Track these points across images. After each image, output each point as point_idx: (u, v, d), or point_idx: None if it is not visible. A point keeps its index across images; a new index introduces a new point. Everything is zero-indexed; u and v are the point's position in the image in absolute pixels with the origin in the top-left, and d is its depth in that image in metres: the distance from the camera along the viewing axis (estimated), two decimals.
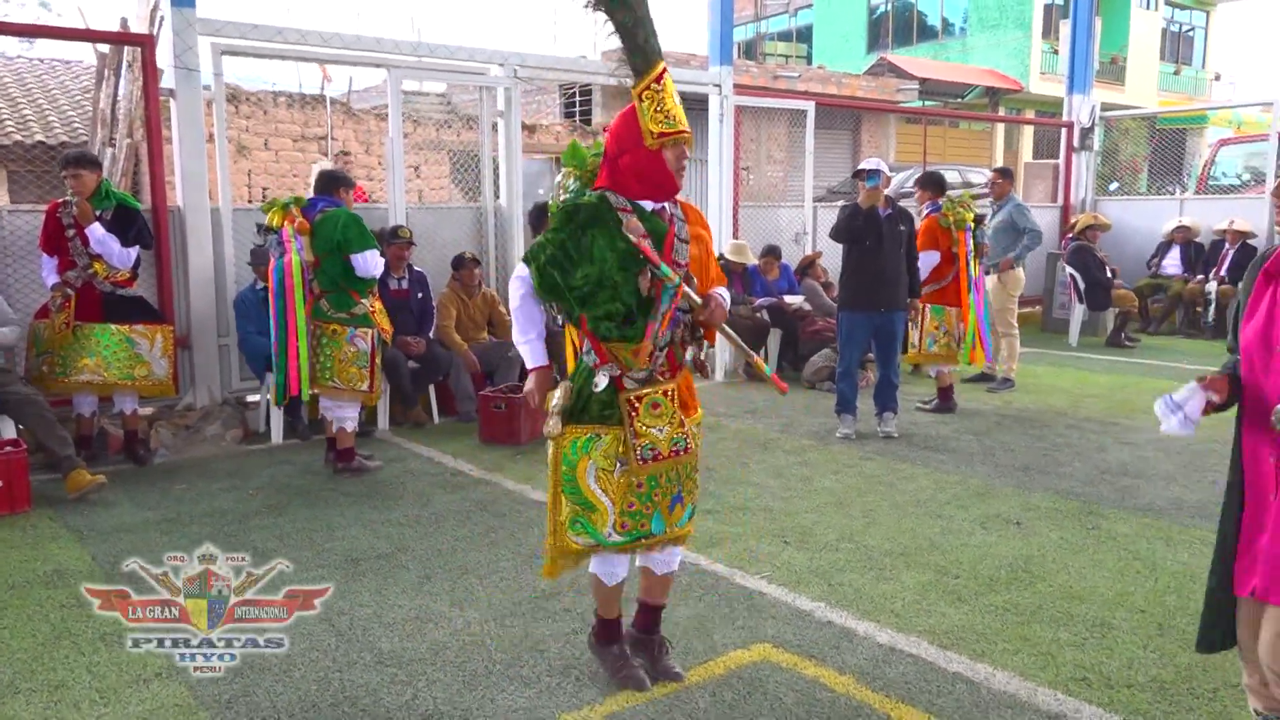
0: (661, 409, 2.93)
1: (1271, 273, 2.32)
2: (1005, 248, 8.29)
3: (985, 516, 4.85)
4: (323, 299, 5.57)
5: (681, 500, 3.05)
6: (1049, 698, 3.06)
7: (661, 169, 2.87)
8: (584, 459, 2.91)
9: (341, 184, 5.81)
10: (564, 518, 2.95)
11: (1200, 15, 31.98)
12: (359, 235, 5.51)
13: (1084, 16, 12.82)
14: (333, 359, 5.55)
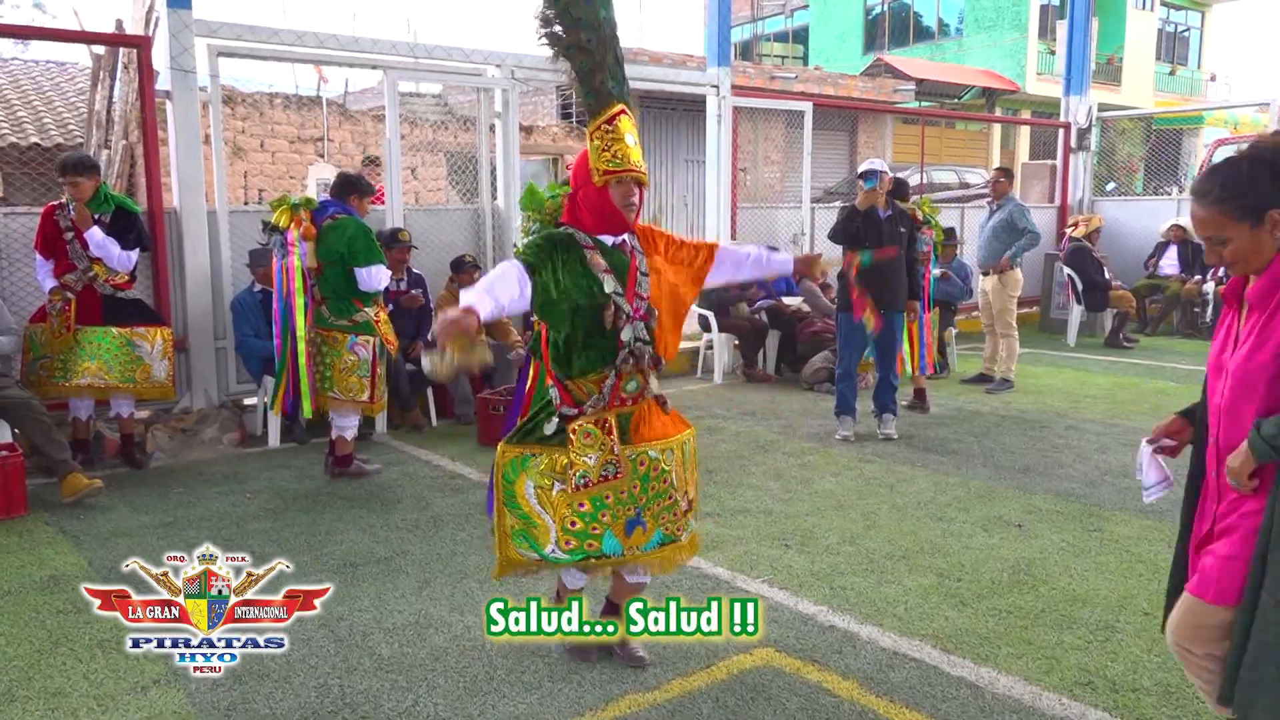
0: (593, 438, 2.95)
1: (1229, 298, 2.32)
2: (1003, 247, 8.28)
3: (986, 519, 4.84)
4: (323, 305, 5.51)
5: (643, 525, 3.02)
6: (1054, 702, 3.04)
7: (608, 205, 2.95)
8: (521, 476, 2.99)
9: (356, 190, 5.64)
10: (508, 529, 3.04)
11: (1196, 16, 32.05)
12: (365, 248, 5.40)
13: (1080, 18, 12.82)
14: (332, 368, 5.49)
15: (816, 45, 30.87)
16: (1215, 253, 2.24)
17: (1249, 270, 2.24)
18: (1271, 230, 2.16)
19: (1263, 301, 2.17)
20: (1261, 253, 2.18)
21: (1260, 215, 2.15)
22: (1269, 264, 2.18)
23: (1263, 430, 2.10)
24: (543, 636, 3.14)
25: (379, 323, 5.64)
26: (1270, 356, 2.13)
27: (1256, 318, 2.19)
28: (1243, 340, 2.22)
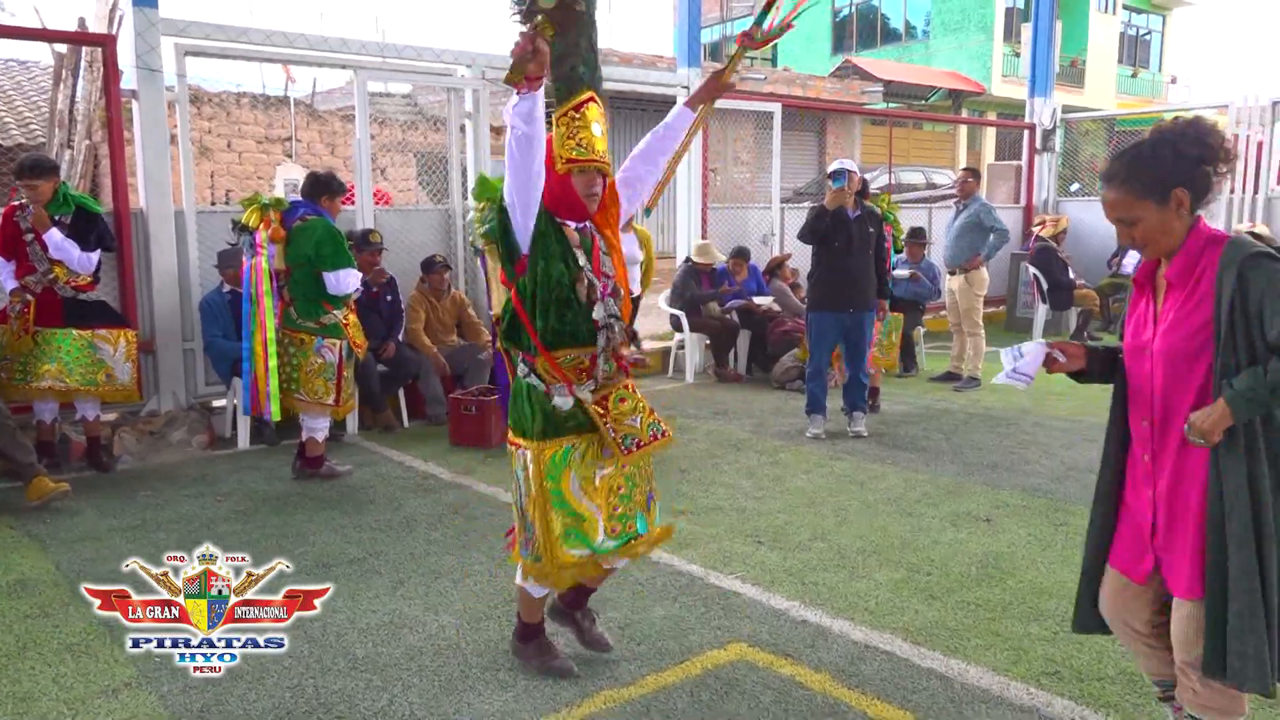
0: (629, 401, 3.00)
1: (1141, 282, 2.40)
2: (971, 246, 8.38)
3: (955, 514, 4.90)
4: (291, 306, 5.47)
5: (653, 496, 3.15)
6: (1021, 691, 3.10)
7: (570, 193, 2.89)
8: (565, 472, 2.93)
9: (328, 191, 5.55)
10: (558, 533, 2.92)
11: (1157, 19, 32.58)
12: (334, 252, 5.35)
13: (1045, 21, 13.00)
14: (299, 370, 5.46)
15: (785, 46, 30.99)
16: (1126, 234, 2.31)
17: (1160, 252, 2.32)
18: (1177, 209, 2.23)
19: (1183, 279, 2.25)
20: (1170, 233, 2.26)
21: (1166, 193, 2.23)
22: (1183, 243, 2.25)
23: (1239, 389, 2.15)
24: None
25: (347, 325, 5.59)
26: (1200, 326, 2.21)
27: (1178, 295, 2.26)
28: (1163, 319, 2.29)
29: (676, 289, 8.92)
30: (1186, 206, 2.25)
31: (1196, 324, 2.23)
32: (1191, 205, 2.26)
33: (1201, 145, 2.26)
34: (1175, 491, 2.33)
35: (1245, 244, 2.21)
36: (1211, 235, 2.26)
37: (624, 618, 3.67)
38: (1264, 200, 11.50)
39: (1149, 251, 2.33)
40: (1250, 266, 2.15)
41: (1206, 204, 2.29)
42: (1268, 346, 2.14)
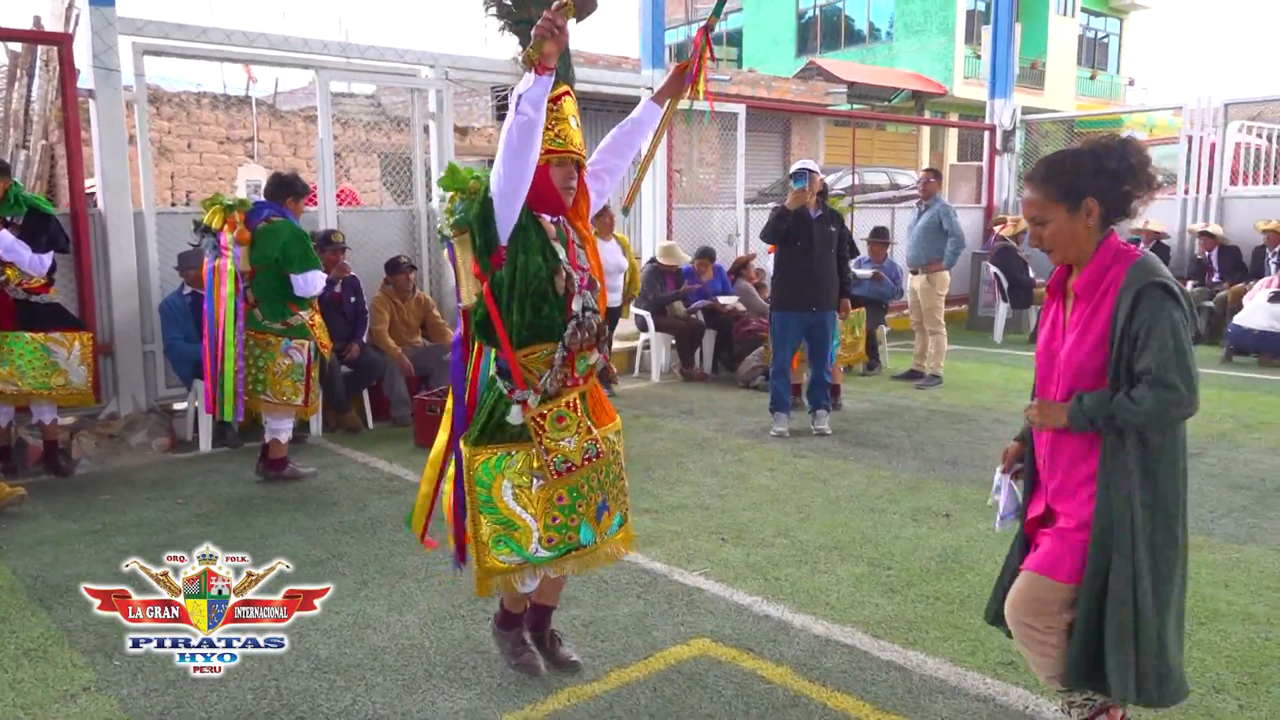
0: (566, 420, 2.92)
1: (1053, 289, 2.48)
2: (931, 246, 8.49)
3: (916, 509, 4.97)
4: (257, 308, 5.42)
5: (608, 508, 3.05)
6: (978, 681, 3.16)
7: (548, 184, 2.87)
8: (498, 478, 2.89)
9: (292, 192, 5.52)
10: (486, 538, 2.92)
11: (1115, 23, 33.09)
12: (301, 254, 5.33)
13: (1004, 24, 13.19)
14: (265, 371, 5.42)
15: (750, 48, 31.19)
16: (1037, 234, 2.41)
17: (1066, 258, 2.40)
18: (1087, 218, 2.31)
19: (1089, 292, 2.33)
20: (1077, 241, 2.34)
21: (1078, 201, 2.32)
22: (1094, 255, 2.33)
23: (1085, 404, 2.30)
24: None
25: (313, 326, 5.57)
26: (1097, 343, 2.29)
27: (1083, 308, 2.35)
28: (1071, 329, 2.37)
29: (641, 289, 8.94)
30: (1096, 217, 2.33)
31: (1096, 338, 2.32)
32: (1102, 218, 2.34)
33: (1122, 162, 2.34)
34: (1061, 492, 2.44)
35: (1148, 269, 2.29)
36: (1120, 250, 2.34)
37: (588, 615, 3.69)
38: (1217, 200, 11.74)
39: (1055, 256, 2.42)
40: (1145, 295, 2.25)
41: (1118, 221, 2.37)
42: (1134, 373, 2.25)
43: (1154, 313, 2.24)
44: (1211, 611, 3.67)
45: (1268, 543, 4.43)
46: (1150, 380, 2.23)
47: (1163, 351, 2.23)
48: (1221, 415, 7.14)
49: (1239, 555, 4.27)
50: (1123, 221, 2.44)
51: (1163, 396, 2.22)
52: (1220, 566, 4.14)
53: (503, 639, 3.28)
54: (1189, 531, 2.45)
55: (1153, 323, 2.24)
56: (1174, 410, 2.25)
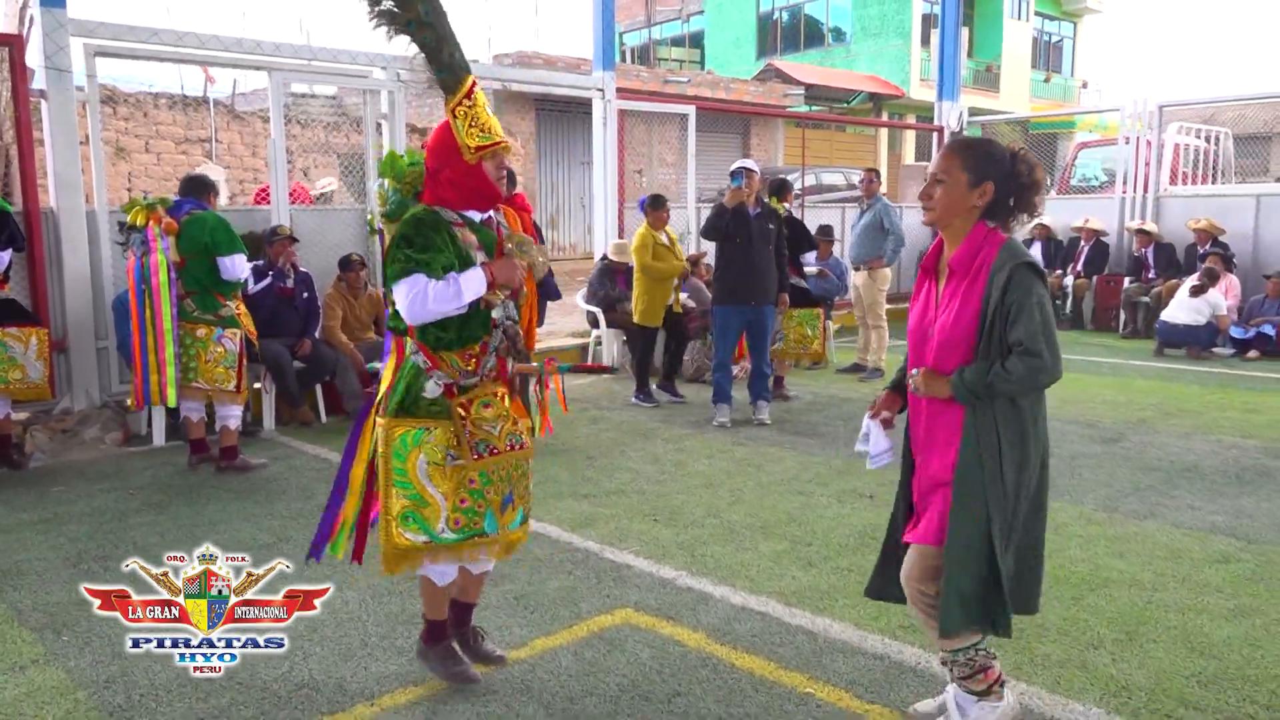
0: (493, 407, 2.97)
1: (927, 269, 2.72)
2: (873, 244, 8.77)
3: (842, 492, 5.22)
4: (188, 299, 5.66)
5: (512, 502, 3.05)
6: (878, 643, 3.40)
7: (483, 181, 2.93)
8: (415, 452, 2.90)
9: (210, 190, 5.94)
10: (396, 513, 2.91)
11: (1068, 26, 33.75)
12: (228, 239, 5.64)
13: (951, 28, 13.53)
14: (198, 360, 5.65)
15: (712, 50, 31.49)
16: (930, 190, 2.62)
17: (939, 220, 2.62)
18: (979, 197, 2.55)
19: (963, 268, 2.56)
20: (958, 211, 2.58)
21: (980, 179, 2.55)
22: (967, 235, 2.56)
23: (965, 376, 2.52)
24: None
25: (240, 315, 5.85)
26: (971, 317, 2.52)
27: (957, 283, 2.58)
28: (943, 305, 2.60)
29: (592, 287, 9.15)
30: (986, 200, 2.57)
31: (970, 313, 2.54)
32: (988, 207, 2.57)
33: (1025, 177, 2.58)
34: (928, 459, 2.67)
35: (1017, 251, 2.53)
36: (989, 233, 2.59)
37: (519, 589, 3.90)
38: (1154, 200, 12.14)
39: (935, 214, 2.62)
40: (1016, 274, 2.48)
41: (994, 217, 2.60)
42: (1008, 345, 2.48)
43: (1024, 291, 2.48)
44: (1103, 579, 3.94)
45: (1166, 519, 4.71)
46: (1020, 351, 2.46)
47: (1031, 325, 2.46)
48: (1144, 404, 7.46)
49: (1137, 529, 4.56)
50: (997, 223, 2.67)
51: (1031, 364, 2.45)
52: (1118, 539, 4.42)
53: (432, 656, 3.18)
54: (1091, 503, 2.67)
55: (1023, 299, 2.47)
56: (1041, 376, 2.48)
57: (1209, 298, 9.68)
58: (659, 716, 2.93)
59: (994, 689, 2.71)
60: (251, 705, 3.03)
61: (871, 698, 3.03)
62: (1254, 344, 9.79)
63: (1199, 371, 8.99)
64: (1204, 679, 3.11)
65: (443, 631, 3.20)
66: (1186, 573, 4.01)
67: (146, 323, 5.56)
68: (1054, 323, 2.52)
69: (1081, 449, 6.04)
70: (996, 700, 2.71)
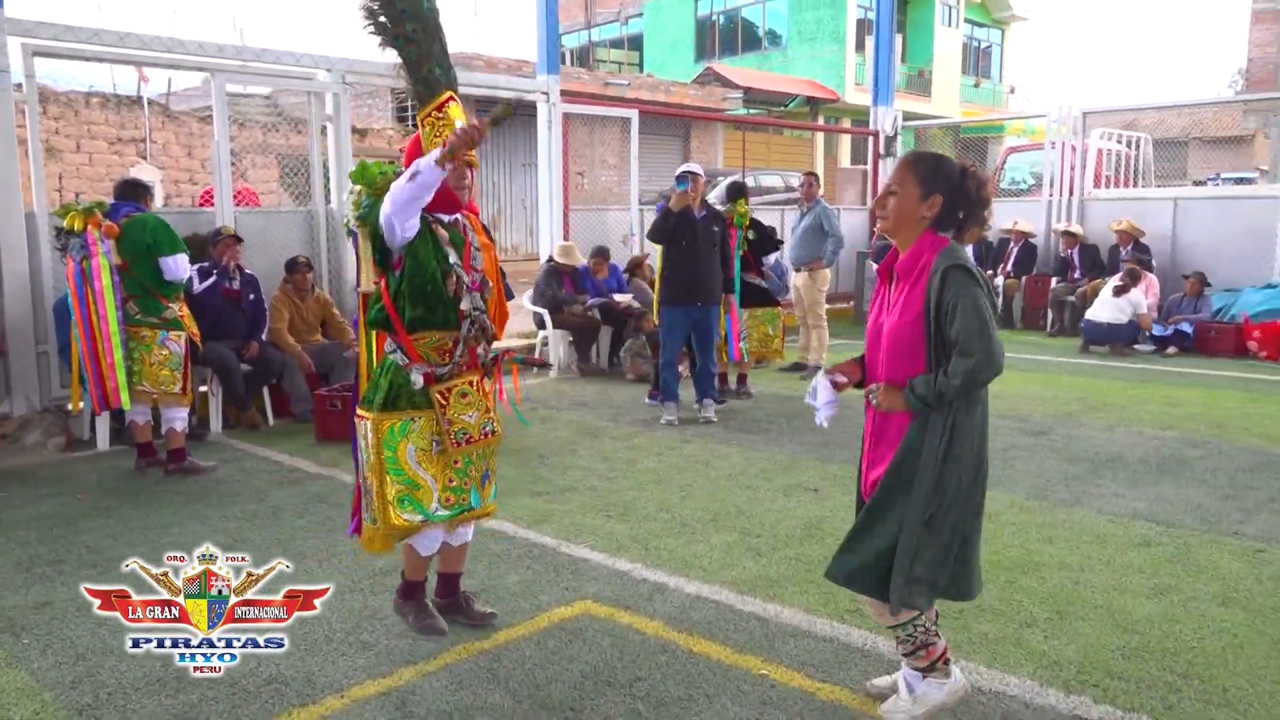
0: (470, 397, 3.29)
1: (883, 273, 2.90)
2: (813, 246, 9.01)
3: (788, 485, 5.40)
4: (130, 303, 5.65)
5: (489, 476, 3.44)
6: (827, 626, 3.57)
7: (443, 188, 3.14)
8: (403, 442, 3.20)
9: (146, 193, 5.95)
10: (391, 497, 3.21)
11: (996, 33, 34.69)
12: (169, 239, 5.65)
13: (885, 35, 13.89)
14: (142, 363, 5.64)
15: (651, 52, 31.73)
16: (883, 200, 2.80)
17: (891, 229, 2.80)
18: (927, 209, 2.72)
19: (907, 272, 2.74)
20: (909, 220, 2.75)
21: (929, 192, 2.72)
22: (915, 241, 2.74)
23: (916, 389, 2.68)
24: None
25: (183, 317, 5.86)
26: (914, 319, 2.69)
27: (902, 287, 2.75)
28: (892, 308, 2.78)
29: (539, 288, 9.24)
30: (935, 212, 2.73)
31: (913, 315, 2.71)
32: (936, 218, 2.74)
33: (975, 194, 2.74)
34: (876, 452, 2.85)
35: (952, 255, 2.69)
36: (934, 240, 2.75)
37: (479, 584, 3.99)
38: (1079, 202, 12.62)
39: (889, 224, 2.80)
40: (949, 275, 2.65)
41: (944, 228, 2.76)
42: (949, 343, 2.65)
43: (957, 292, 2.64)
44: (1034, 563, 4.17)
45: (1092, 506, 4.98)
46: (958, 351, 2.63)
47: (966, 325, 2.62)
48: (1071, 398, 7.80)
49: (1065, 516, 4.81)
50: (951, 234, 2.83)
51: (967, 364, 2.61)
52: (1048, 526, 4.67)
53: (405, 608, 3.54)
54: (1034, 493, 2.85)
55: (957, 300, 2.63)
56: (980, 374, 2.63)
57: (1131, 297, 10.11)
58: (622, 700, 3.06)
59: (938, 666, 2.88)
60: (221, 700, 3.09)
61: (823, 677, 3.20)
62: (1172, 341, 10.27)
63: (1122, 368, 9.41)
64: (1128, 652, 3.34)
65: (419, 589, 3.54)
66: (1111, 555, 4.26)
67: (93, 328, 5.52)
68: (990, 320, 2.66)
69: (1013, 441, 6.32)
70: (942, 677, 2.88)
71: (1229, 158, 23.89)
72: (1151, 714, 2.94)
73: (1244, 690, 3.08)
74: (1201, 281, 10.69)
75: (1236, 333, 10.03)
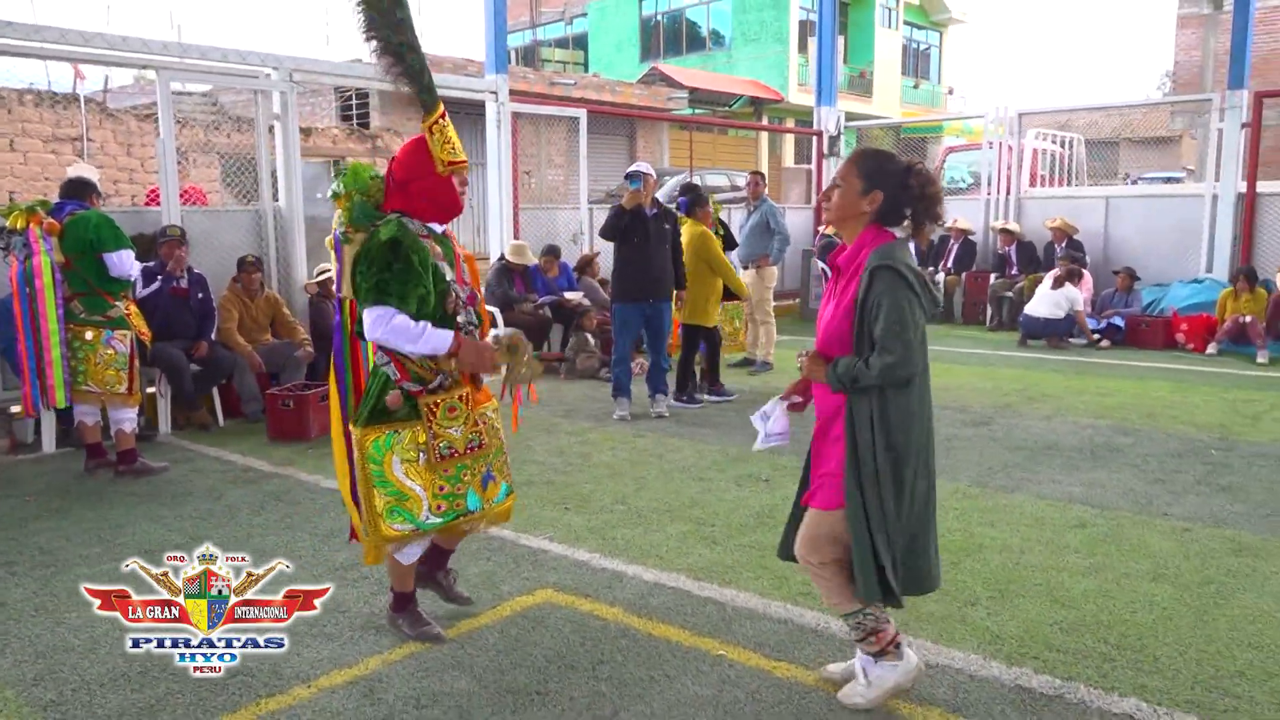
0: (457, 412, 3.27)
1: (831, 265, 3.02)
2: (760, 244, 9.18)
3: (740, 476, 5.53)
4: (74, 301, 5.59)
5: (493, 478, 3.41)
6: (781, 609, 3.70)
7: (451, 193, 3.24)
8: (388, 454, 3.18)
9: (94, 191, 5.89)
10: (380, 509, 3.19)
11: (935, 35, 35.38)
12: (113, 235, 5.60)
13: (827, 36, 14.14)
14: (87, 363, 5.58)
15: (596, 52, 31.80)
16: (829, 193, 2.92)
17: (835, 222, 2.93)
18: (868, 204, 2.84)
19: (847, 267, 2.88)
20: (850, 214, 2.87)
21: (870, 187, 2.84)
22: (858, 235, 2.87)
23: (838, 368, 2.80)
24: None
25: (130, 315, 5.80)
26: (845, 312, 2.82)
27: (841, 280, 2.88)
28: (834, 299, 2.91)
29: (490, 287, 9.28)
30: (875, 207, 2.85)
31: (845, 308, 2.83)
32: (879, 212, 2.85)
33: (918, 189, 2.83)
34: (821, 446, 2.97)
35: (884, 254, 2.79)
36: (877, 235, 2.86)
37: None
38: (1015, 201, 12.98)
39: (831, 215, 2.94)
40: (877, 275, 2.76)
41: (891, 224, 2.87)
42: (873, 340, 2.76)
43: (882, 291, 2.74)
44: (977, 545, 4.35)
45: (1030, 491, 5.19)
46: (878, 348, 2.75)
47: (887, 325, 2.72)
48: (1010, 390, 8.06)
49: (1006, 501, 5.01)
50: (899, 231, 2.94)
51: (884, 361, 2.72)
52: (989, 510, 4.86)
53: (399, 620, 3.49)
54: (978, 481, 2.99)
55: (881, 299, 2.74)
56: (896, 371, 2.73)
57: (1068, 293, 10.44)
58: (585, 682, 3.15)
59: (889, 650, 2.97)
60: (188, 694, 3.11)
61: (778, 656, 3.32)
62: (1105, 334, 10.63)
63: (1058, 360, 9.72)
64: (1065, 626, 3.52)
65: (409, 600, 3.51)
66: (1049, 537, 4.46)
67: (34, 327, 5.46)
68: (909, 321, 2.73)
69: (955, 431, 6.53)
70: (895, 660, 2.98)
71: (1158, 158, 24.68)
72: (1087, 682, 3.11)
73: (1173, 659, 3.27)
74: (1131, 277, 11.10)
75: (1165, 326, 10.43)
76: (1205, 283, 10.78)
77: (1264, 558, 4.17)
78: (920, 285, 2.80)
